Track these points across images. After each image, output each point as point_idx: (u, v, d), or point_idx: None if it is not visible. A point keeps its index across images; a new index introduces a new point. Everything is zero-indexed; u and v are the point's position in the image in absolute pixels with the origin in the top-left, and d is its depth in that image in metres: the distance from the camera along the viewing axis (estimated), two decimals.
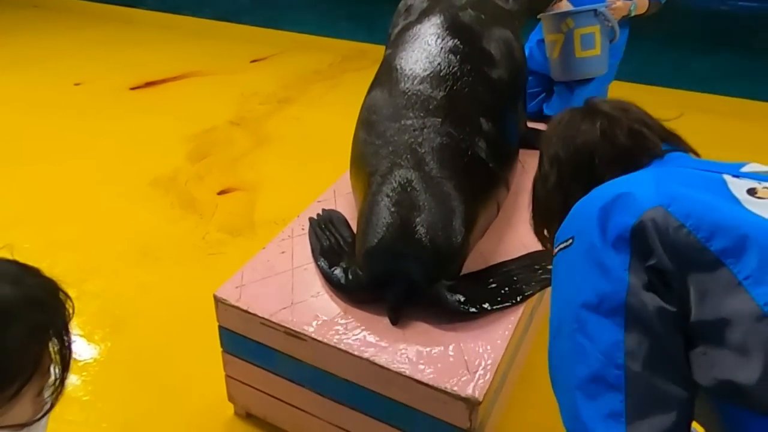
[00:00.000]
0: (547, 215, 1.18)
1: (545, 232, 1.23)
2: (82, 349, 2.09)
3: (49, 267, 0.94)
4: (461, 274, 1.63)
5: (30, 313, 0.79)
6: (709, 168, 0.98)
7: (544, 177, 1.18)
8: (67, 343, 0.84)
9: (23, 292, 0.80)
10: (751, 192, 0.87)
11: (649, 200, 0.87)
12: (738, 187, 0.89)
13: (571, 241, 0.94)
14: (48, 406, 0.84)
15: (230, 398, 1.80)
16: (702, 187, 0.90)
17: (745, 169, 0.98)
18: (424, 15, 2.06)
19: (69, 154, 3.43)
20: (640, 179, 0.95)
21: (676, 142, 1.12)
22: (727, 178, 0.92)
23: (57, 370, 0.84)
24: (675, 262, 0.82)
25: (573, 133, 1.15)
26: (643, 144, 1.09)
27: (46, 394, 0.85)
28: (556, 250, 0.99)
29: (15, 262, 0.85)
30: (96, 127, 3.74)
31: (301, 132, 3.67)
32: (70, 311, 0.86)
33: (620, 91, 2.97)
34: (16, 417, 0.78)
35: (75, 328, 2.17)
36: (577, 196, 1.04)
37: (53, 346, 0.83)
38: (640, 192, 0.89)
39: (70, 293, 2.25)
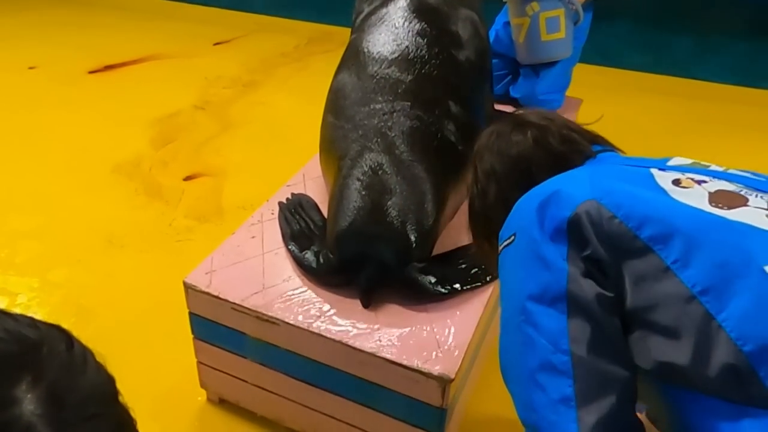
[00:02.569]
0: (491, 228, 1.18)
1: (488, 245, 1.23)
2: None
3: (9, 257, 0.92)
4: (432, 255, 1.65)
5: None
6: (637, 164, 1.04)
7: (482, 192, 1.20)
8: None
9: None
10: (676, 182, 0.94)
11: (582, 194, 0.92)
12: (664, 179, 0.95)
13: (513, 237, 0.98)
14: None
15: (202, 385, 1.79)
16: (631, 181, 0.96)
17: (670, 163, 1.05)
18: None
19: (25, 141, 3.32)
20: (575, 176, 1.00)
21: (603, 143, 1.18)
22: (654, 171, 0.98)
23: None
24: (609, 251, 0.87)
25: (506, 145, 1.18)
26: (574, 147, 1.15)
27: None
28: (500, 248, 1.02)
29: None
30: (53, 113, 3.61)
31: (268, 116, 3.62)
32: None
33: (584, 73, 3.03)
34: None
35: (39, 318, 2.13)
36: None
37: None
38: (574, 188, 0.95)
39: (33, 283, 2.20)
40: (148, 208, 2.74)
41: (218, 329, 1.61)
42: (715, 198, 0.90)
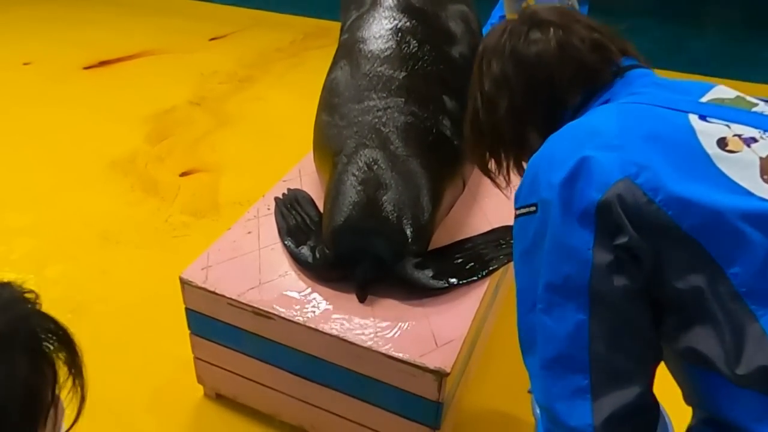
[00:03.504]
0: (499, 143, 1.06)
1: (494, 161, 1.11)
2: None
3: (5, 253, 0.92)
4: (428, 249, 1.65)
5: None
6: (673, 104, 0.89)
7: (489, 103, 1.03)
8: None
9: None
10: (722, 143, 0.81)
11: (614, 170, 0.81)
12: (707, 137, 0.82)
13: (534, 208, 0.88)
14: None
15: (199, 380, 1.79)
16: (670, 141, 0.83)
17: (710, 98, 0.91)
18: None
19: (19, 137, 3.31)
20: (604, 130, 0.86)
21: (632, 54, 1.04)
22: (695, 122, 0.85)
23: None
24: (645, 238, 0.79)
25: (522, 47, 1.00)
26: (605, 55, 0.99)
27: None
28: (518, 213, 0.93)
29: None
30: (48, 109, 3.60)
31: (264, 111, 3.61)
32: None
33: None
34: None
35: None
36: (537, 124, 0.99)
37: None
38: (604, 157, 0.82)
39: (29, 279, 2.21)
40: (143, 204, 2.73)
41: (214, 324, 1.61)
42: None
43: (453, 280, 1.56)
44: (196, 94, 3.79)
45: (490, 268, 1.61)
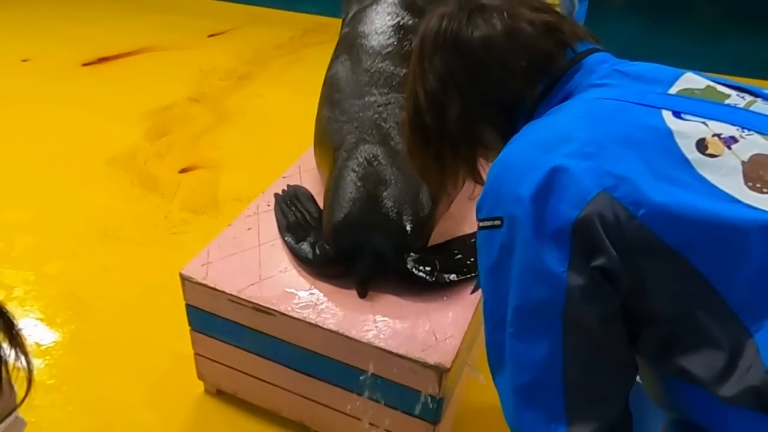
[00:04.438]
0: (447, 149, 0.96)
1: (439, 167, 1.01)
2: (44, 332, 2.05)
3: (5, 250, 0.91)
4: (428, 245, 1.65)
5: None
6: (644, 99, 0.81)
7: (434, 101, 0.92)
8: None
9: None
10: (701, 147, 0.75)
11: (590, 183, 0.74)
12: (686, 139, 0.76)
13: (499, 222, 0.80)
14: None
15: (200, 376, 1.80)
16: (646, 148, 0.75)
17: (679, 89, 0.83)
18: None
19: (19, 134, 3.30)
20: (574, 133, 0.78)
21: (584, 36, 0.93)
22: (670, 122, 0.77)
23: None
24: (625, 256, 0.73)
25: (464, 35, 0.88)
26: (559, 40, 0.89)
27: None
28: (481, 225, 0.84)
29: None
30: (47, 106, 3.59)
31: (263, 108, 3.61)
32: None
33: None
34: None
35: (36, 312, 2.13)
36: (491, 122, 0.91)
37: None
38: (577, 167, 0.74)
39: (29, 277, 2.20)
40: (143, 201, 2.73)
41: (215, 321, 1.62)
42: (751, 173, 0.73)
43: (453, 276, 1.56)
44: (196, 90, 3.78)
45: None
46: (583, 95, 0.85)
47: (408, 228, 1.55)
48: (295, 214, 1.79)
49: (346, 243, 1.55)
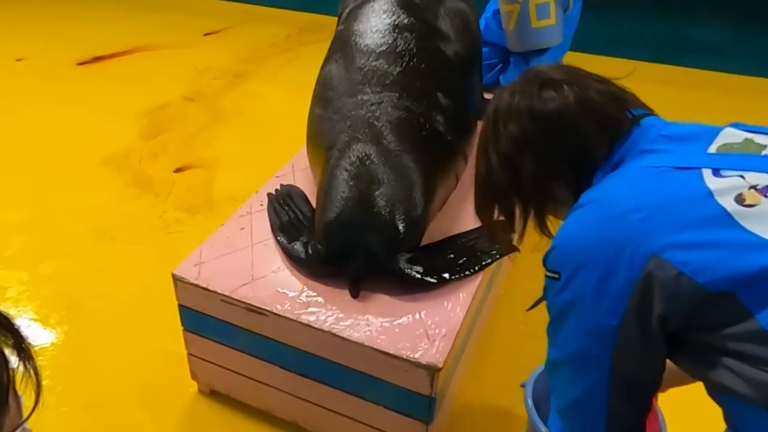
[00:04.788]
0: (516, 203, 1.08)
1: (510, 221, 1.13)
2: (37, 333, 2.04)
3: None
4: (421, 245, 1.65)
5: None
6: (686, 162, 0.90)
7: (509, 164, 1.03)
8: None
9: None
10: (739, 200, 0.83)
11: (642, 247, 0.83)
12: (725, 196, 0.84)
13: (558, 276, 0.93)
14: None
15: (193, 376, 1.80)
16: (691, 210, 0.84)
17: (718, 146, 0.92)
18: None
19: (13, 133, 3.29)
20: (626, 206, 0.87)
21: (641, 104, 1.06)
22: (710, 182, 0.86)
23: None
24: (675, 308, 0.82)
25: (539, 105, 1.01)
26: (622, 105, 1.01)
27: None
28: (547, 274, 0.96)
29: None
30: (41, 105, 3.58)
31: (259, 107, 3.60)
32: None
33: (575, 62, 3.01)
34: None
35: (29, 312, 2.13)
36: (563, 179, 1.02)
37: None
38: (632, 236, 0.85)
39: (22, 277, 2.20)
40: (138, 201, 2.73)
41: (207, 321, 1.61)
42: None
43: (445, 275, 1.56)
44: (191, 89, 3.77)
45: (483, 263, 1.62)
46: (633, 163, 0.95)
47: (400, 227, 1.55)
48: (288, 214, 1.78)
49: (339, 242, 1.55)
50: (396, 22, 1.91)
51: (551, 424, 1.03)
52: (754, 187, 0.83)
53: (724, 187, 0.84)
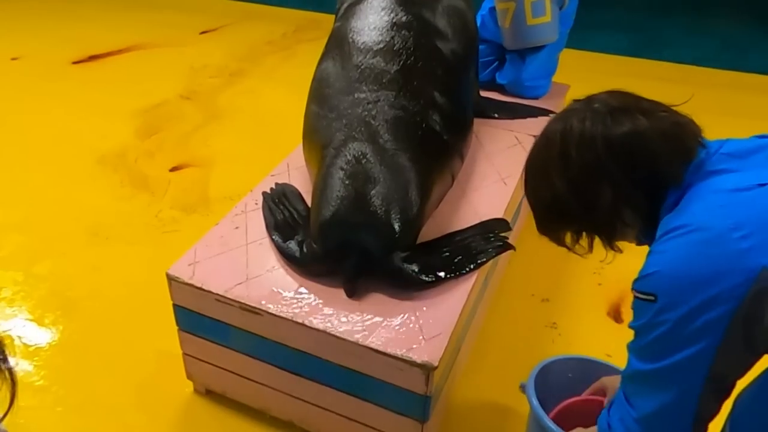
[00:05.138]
0: (585, 228, 1.11)
1: (582, 241, 1.14)
2: (32, 333, 2.03)
3: None
4: (416, 243, 1.64)
5: None
6: (751, 178, 0.95)
7: (580, 189, 1.05)
8: None
9: None
10: None
11: (751, 263, 0.87)
12: None
13: (653, 298, 0.95)
14: None
15: (189, 376, 1.79)
16: None
17: None
18: None
19: (8, 132, 3.28)
20: (725, 227, 0.90)
21: (697, 128, 1.09)
22: None
23: None
24: None
25: (615, 132, 1.02)
26: (688, 130, 1.04)
27: None
28: (638, 295, 0.99)
29: None
30: (37, 104, 3.57)
31: (255, 105, 3.59)
32: None
33: (571, 58, 3.01)
34: None
35: (24, 312, 2.12)
36: (635, 205, 1.04)
37: None
38: (736, 250, 0.89)
39: (17, 277, 2.19)
40: (133, 200, 2.72)
41: (202, 320, 1.61)
42: None
43: (441, 274, 1.56)
44: (187, 88, 3.76)
45: (479, 261, 1.61)
46: (706, 185, 0.98)
47: (396, 226, 1.54)
48: (282, 213, 1.78)
49: (334, 241, 1.54)
50: (393, 20, 1.90)
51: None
52: None
53: None
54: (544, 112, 2.41)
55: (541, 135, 1.13)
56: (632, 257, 1.16)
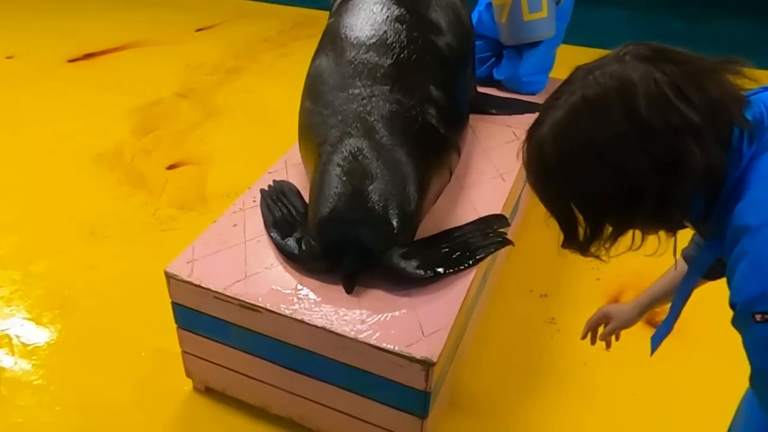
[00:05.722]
0: (641, 230, 0.92)
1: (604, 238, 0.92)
2: (30, 332, 2.03)
3: None
4: (415, 239, 1.64)
5: None
6: None
7: (629, 194, 0.83)
8: None
9: None
10: None
11: None
12: None
13: None
14: None
15: (188, 374, 1.79)
16: None
17: None
18: None
19: (4, 131, 3.26)
20: None
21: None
22: None
23: None
24: None
25: (646, 103, 0.80)
26: (738, 93, 0.84)
27: None
28: (757, 317, 0.80)
29: None
30: (32, 103, 3.55)
31: (251, 102, 3.58)
32: None
33: (568, 54, 3.00)
34: None
35: (22, 311, 2.11)
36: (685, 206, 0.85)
37: None
38: None
39: (14, 276, 2.19)
40: (130, 198, 2.71)
41: (201, 318, 1.61)
42: None
43: (440, 270, 1.56)
44: (183, 85, 3.75)
45: (477, 257, 1.61)
46: None
47: (394, 222, 1.54)
48: (281, 210, 1.77)
49: (332, 238, 1.54)
50: (386, 14, 1.89)
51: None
52: None
53: None
54: None
55: (577, 104, 0.91)
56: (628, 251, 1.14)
